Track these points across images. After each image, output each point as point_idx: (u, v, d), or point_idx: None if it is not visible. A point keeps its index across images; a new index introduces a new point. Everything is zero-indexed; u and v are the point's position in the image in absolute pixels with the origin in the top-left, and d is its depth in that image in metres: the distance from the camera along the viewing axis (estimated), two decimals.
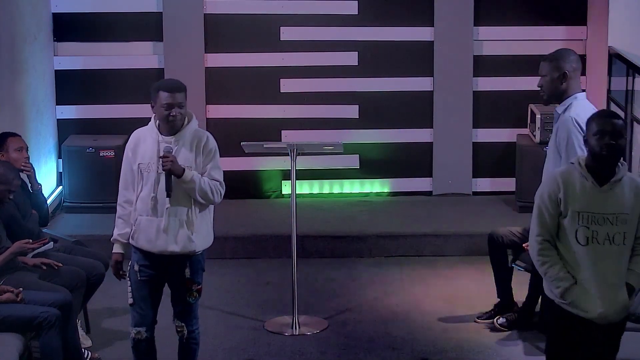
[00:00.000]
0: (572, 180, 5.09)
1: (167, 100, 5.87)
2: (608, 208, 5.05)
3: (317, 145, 8.59)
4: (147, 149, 5.93)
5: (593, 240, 5.05)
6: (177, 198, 5.90)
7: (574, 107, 6.38)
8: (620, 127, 5.06)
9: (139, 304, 6.02)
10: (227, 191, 6.11)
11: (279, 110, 10.08)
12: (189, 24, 9.88)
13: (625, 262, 5.13)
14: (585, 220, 5.05)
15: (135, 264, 6.01)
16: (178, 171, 5.85)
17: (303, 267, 8.07)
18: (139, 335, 6.05)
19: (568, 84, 6.42)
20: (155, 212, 5.91)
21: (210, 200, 5.99)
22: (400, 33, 10.01)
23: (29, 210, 7.09)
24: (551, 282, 5.15)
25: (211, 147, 6.01)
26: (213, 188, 5.96)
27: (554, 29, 10.01)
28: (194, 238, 5.96)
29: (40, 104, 9.42)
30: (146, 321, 6.05)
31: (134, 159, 5.97)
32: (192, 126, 5.99)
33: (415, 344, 7.14)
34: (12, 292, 6.21)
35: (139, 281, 6.01)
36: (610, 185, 5.07)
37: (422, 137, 10.17)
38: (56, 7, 9.86)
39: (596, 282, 5.08)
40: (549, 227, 5.13)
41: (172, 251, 5.93)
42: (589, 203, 5.05)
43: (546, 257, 5.15)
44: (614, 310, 5.12)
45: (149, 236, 5.93)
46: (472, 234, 8.97)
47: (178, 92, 5.90)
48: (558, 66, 6.42)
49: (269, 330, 7.39)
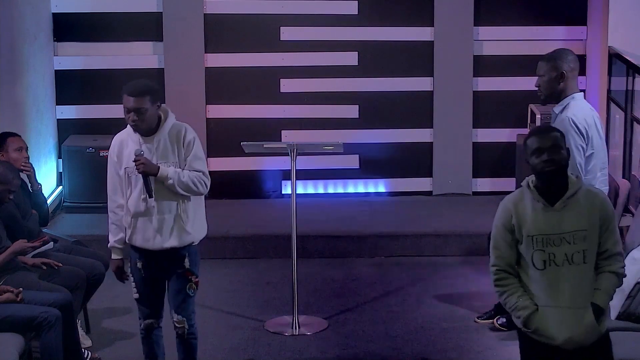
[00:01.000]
0: (523, 204, 4.91)
1: (126, 104, 5.85)
2: (564, 227, 4.80)
3: (317, 145, 8.59)
4: (130, 152, 5.92)
5: (550, 264, 4.82)
6: (163, 195, 5.90)
7: (571, 108, 6.38)
8: (557, 141, 4.83)
9: (146, 297, 6.08)
10: (227, 191, 6.11)
11: (279, 110, 10.08)
12: (189, 24, 9.88)
13: (589, 282, 4.85)
14: (540, 244, 4.83)
15: (137, 262, 6.04)
16: (153, 171, 5.85)
17: (303, 267, 8.06)
18: (150, 325, 6.11)
19: (566, 84, 6.42)
20: (147, 213, 5.93)
21: (195, 192, 5.95)
22: (400, 33, 10.01)
23: (29, 210, 7.09)
24: (512, 312, 4.95)
25: (189, 139, 5.95)
26: (195, 179, 5.91)
27: (554, 29, 10.01)
28: (189, 230, 5.98)
29: (40, 104, 9.42)
30: (155, 313, 6.11)
31: (119, 164, 5.98)
32: (169, 123, 5.94)
33: (415, 344, 7.14)
34: (12, 292, 6.21)
35: (143, 278, 6.06)
36: (563, 202, 4.82)
37: (422, 137, 10.17)
38: (56, 7, 9.87)
39: (558, 307, 4.84)
40: (504, 257, 4.95)
41: (170, 246, 5.96)
42: (541, 225, 4.83)
43: (504, 287, 4.97)
44: (580, 333, 4.84)
45: (146, 236, 5.96)
46: (472, 234, 8.97)
47: (140, 96, 5.82)
48: (556, 66, 6.41)
49: (269, 330, 7.39)
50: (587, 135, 6.15)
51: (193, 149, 5.95)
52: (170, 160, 5.91)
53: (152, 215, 5.93)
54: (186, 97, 9.75)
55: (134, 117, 5.83)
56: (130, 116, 5.85)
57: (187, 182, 5.89)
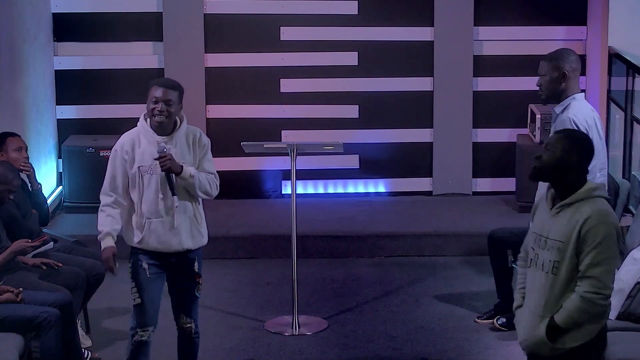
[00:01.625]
0: (542, 202, 4.87)
1: (156, 94, 5.81)
2: (550, 233, 4.71)
3: (317, 145, 8.59)
4: (145, 151, 5.87)
5: (533, 263, 4.80)
6: (181, 195, 5.89)
7: (572, 108, 6.38)
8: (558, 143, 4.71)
9: (147, 303, 5.94)
10: (227, 191, 6.12)
11: (279, 110, 10.08)
12: (189, 24, 9.88)
13: (558, 295, 4.68)
14: (533, 241, 4.81)
15: (144, 263, 5.93)
16: (177, 169, 5.82)
17: (303, 267, 8.07)
18: (144, 336, 5.95)
19: (567, 84, 6.42)
20: (165, 213, 5.86)
21: (210, 194, 5.96)
22: (400, 33, 10.01)
23: (29, 210, 7.09)
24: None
25: (205, 142, 6.00)
26: (210, 181, 5.95)
27: (554, 29, 10.01)
28: (202, 232, 6.01)
29: (40, 104, 9.42)
30: (152, 321, 5.98)
31: (131, 162, 5.88)
32: (184, 125, 5.96)
33: (415, 344, 7.14)
34: (12, 292, 6.21)
35: (148, 279, 5.93)
36: (558, 209, 4.71)
37: (422, 137, 10.17)
38: (56, 7, 9.86)
39: (527, 308, 4.83)
40: (527, 246, 4.94)
41: (186, 248, 5.93)
42: (539, 224, 4.79)
43: (518, 274, 5.00)
44: (530, 342, 4.77)
45: (162, 237, 5.88)
46: (472, 234, 8.97)
47: (170, 89, 5.84)
48: (557, 66, 6.41)
49: (269, 330, 7.39)
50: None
51: (208, 152, 5.98)
52: (187, 161, 5.90)
53: (170, 216, 5.86)
54: (186, 97, 9.64)
55: (162, 107, 5.78)
56: (158, 106, 5.79)
57: (205, 183, 5.91)
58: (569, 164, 4.68)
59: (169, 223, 5.88)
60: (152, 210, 5.87)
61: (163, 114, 5.81)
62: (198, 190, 5.89)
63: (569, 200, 4.68)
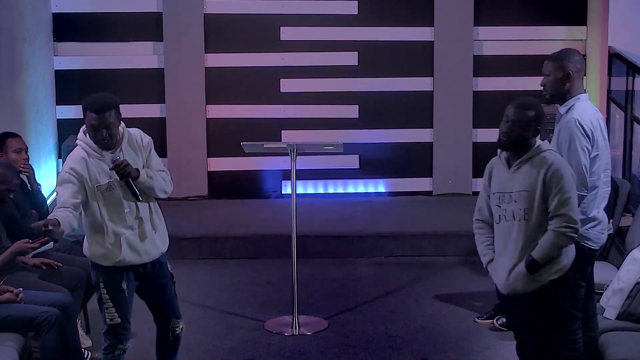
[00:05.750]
0: (497, 166, 5.50)
1: (93, 122, 5.54)
2: (513, 187, 5.36)
3: (317, 145, 8.59)
4: (99, 169, 5.66)
5: (502, 219, 5.41)
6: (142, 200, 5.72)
7: (576, 109, 6.36)
8: (521, 116, 5.39)
9: (126, 322, 5.82)
10: (227, 191, 6.08)
11: (279, 110, 10.08)
12: (189, 24, 9.88)
13: (531, 237, 5.31)
14: (497, 200, 5.43)
15: (122, 283, 5.76)
16: (135, 173, 5.63)
17: (303, 267, 8.06)
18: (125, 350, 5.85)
19: (571, 84, 6.40)
20: (135, 224, 5.70)
21: (167, 191, 5.78)
22: (400, 33, 10.02)
23: (29, 210, 7.09)
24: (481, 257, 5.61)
25: (147, 140, 5.79)
26: (164, 178, 5.77)
27: (554, 29, 10.02)
28: (165, 231, 5.87)
29: (40, 104, 9.42)
30: (129, 333, 5.88)
31: (88, 183, 5.62)
32: (126, 133, 5.73)
33: (415, 344, 7.14)
34: (12, 292, 6.21)
35: (126, 299, 5.78)
36: (517, 165, 5.37)
37: (422, 137, 10.17)
38: (56, 7, 9.88)
39: (504, 256, 5.42)
40: (482, 209, 5.60)
41: (162, 251, 5.85)
42: (500, 184, 5.43)
43: (477, 235, 5.67)
44: (514, 280, 5.36)
45: (138, 249, 5.73)
46: (472, 234, 8.89)
47: (106, 112, 5.53)
48: (562, 66, 6.40)
49: (269, 330, 7.39)
50: (593, 137, 6.13)
51: (152, 150, 5.80)
52: (139, 165, 5.72)
53: (139, 226, 5.69)
54: (186, 97, 9.75)
55: (104, 135, 5.53)
56: (99, 134, 5.54)
57: (161, 181, 5.74)
58: (531, 130, 5.40)
59: (139, 233, 5.72)
60: (123, 225, 5.68)
61: (106, 139, 5.60)
62: (157, 190, 5.72)
63: (526, 156, 5.36)
